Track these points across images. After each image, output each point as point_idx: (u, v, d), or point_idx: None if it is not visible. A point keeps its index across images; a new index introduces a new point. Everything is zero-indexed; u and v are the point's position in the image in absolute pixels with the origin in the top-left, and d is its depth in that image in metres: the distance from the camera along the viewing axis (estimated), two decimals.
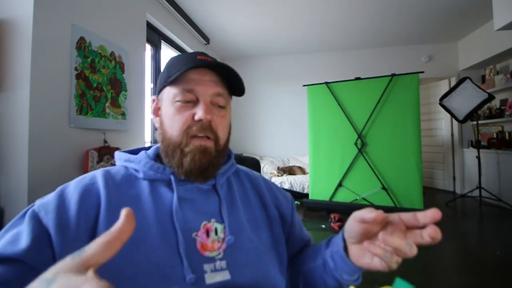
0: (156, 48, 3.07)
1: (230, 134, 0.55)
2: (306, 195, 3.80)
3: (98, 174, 0.48)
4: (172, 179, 0.49)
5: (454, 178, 4.51)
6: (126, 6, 2.20)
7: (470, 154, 4.15)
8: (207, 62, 0.49)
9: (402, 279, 0.37)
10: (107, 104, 1.92)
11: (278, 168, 4.35)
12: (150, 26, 2.85)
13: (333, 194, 3.43)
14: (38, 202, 0.43)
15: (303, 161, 4.61)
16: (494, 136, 3.89)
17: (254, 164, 0.96)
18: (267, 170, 4.40)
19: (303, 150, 4.75)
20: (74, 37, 1.66)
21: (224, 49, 4.74)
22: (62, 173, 1.57)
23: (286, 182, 4.04)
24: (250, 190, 0.58)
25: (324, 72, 4.81)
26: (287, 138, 5.03)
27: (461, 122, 3.59)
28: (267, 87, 5.10)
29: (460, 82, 3.56)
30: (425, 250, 2.24)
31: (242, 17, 3.54)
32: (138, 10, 2.39)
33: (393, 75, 3.21)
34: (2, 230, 0.41)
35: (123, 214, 0.24)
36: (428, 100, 4.78)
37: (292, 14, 3.46)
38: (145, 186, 0.48)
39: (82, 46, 1.72)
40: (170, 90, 0.50)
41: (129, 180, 0.49)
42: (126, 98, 2.13)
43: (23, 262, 0.36)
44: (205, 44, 4.25)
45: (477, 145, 3.69)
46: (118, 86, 2.04)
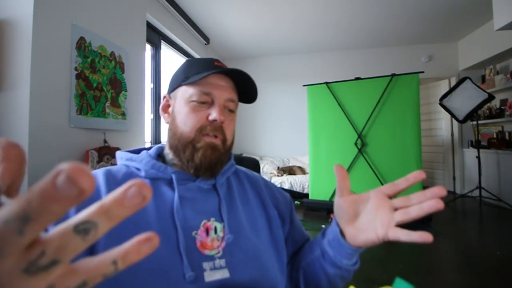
0: (156, 48, 3.07)
1: (234, 138, 0.57)
2: (306, 195, 3.79)
3: (99, 173, 0.49)
4: (173, 178, 0.50)
5: (454, 178, 4.51)
6: (126, 6, 2.20)
7: (470, 154, 4.15)
8: (228, 70, 0.52)
9: (402, 279, 0.37)
10: (107, 104, 1.92)
11: (278, 168, 4.35)
12: (150, 26, 2.85)
13: (333, 194, 3.42)
14: None
15: (303, 161, 4.61)
16: (494, 136, 3.89)
17: (254, 164, 0.96)
18: (267, 170, 4.40)
19: (303, 150, 4.75)
20: (74, 37, 1.66)
21: (224, 49, 4.74)
22: None
23: (286, 182, 4.04)
24: (249, 190, 0.59)
25: (324, 72, 4.81)
26: (287, 138, 5.03)
27: (461, 122, 3.59)
28: (267, 87, 5.10)
29: (460, 82, 3.56)
30: (425, 250, 2.24)
31: (242, 17, 3.54)
32: (138, 10, 2.39)
33: (393, 75, 3.21)
34: None
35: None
36: (428, 100, 4.78)
37: (292, 14, 3.46)
38: None
39: (82, 46, 1.72)
40: (186, 90, 0.52)
41: (130, 178, 0.49)
42: (126, 98, 2.13)
43: None
44: (205, 44, 4.25)
45: (477, 145, 3.69)
46: (118, 86, 2.04)
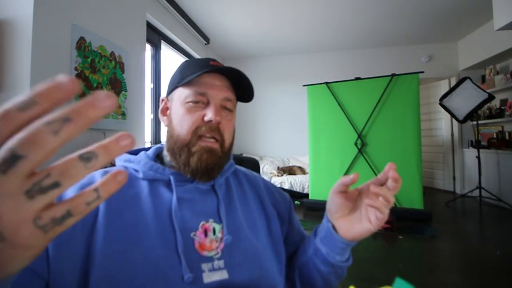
0: (156, 48, 3.07)
1: (234, 138, 0.56)
2: (306, 195, 3.79)
3: (96, 174, 0.48)
4: (171, 179, 0.49)
5: (454, 178, 4.51)
6: (126, 6, 2.20)
7: (470, 154, 4.14)
8: (221, 68, 0.51)
9: (402, 279, 0.37)
10: None
11: (278, 168, 4.35)
12: (150, 26, 2.85)
13: None
14: None
15: (303, 161, 4.61)
16: (494, 136, 3.89)
17: (253, 164, 0.95)
18: (267, 170, 4.40)
19: (303, 150, 4.75)
20: (74, 37, 1.66)
21: (224, 49, 4.74)
22: None
23: (286, 182, 4.04)
24: (248, 190, 0.59)
25: (324, 72, 4.81)
26: (287, 138, 5.03)
27: (461, 122, 3.59)
28: (267, 87, 5.10)
29: (460, 82, 3.56)
30: (425, 250, 2.24)
31: (242, 17, 3.54)
32: (138, 10, 2.39)
33: (393, 75, 3.21)
34: None
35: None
36: (428, 100, 4.78)
37: (292, 14, 3.46)
38: (144, 186, 0.48)
39: (82, 46, 1.72)
40: (182, 91, 0.51)
41: (129, 179, 0.49)
42: (126, 98, 2.13)
43: None
44: (205, 44, 4.25)
45: (477, 145, 3.69)
46: (118, 86, 2.04)
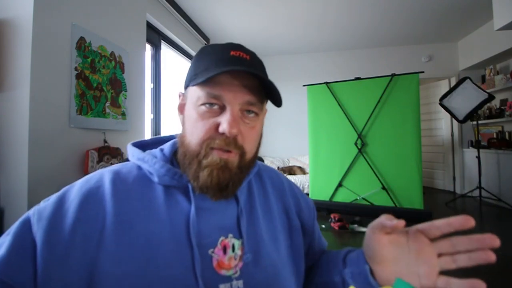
0: (156, 48, 3.07)
1: (260, 145, 0.47)
2: (306, 195, 3.79)
3: (106, 177, 0.42)
4: (189, 188, 0.43)
5: (454, 178, 4.51)
6: (126, 6, 2.20)
7: (470, 154, 4.15)
8: (239, 65, 0.41)
9: (402, 279, 0.37)
10: (107, 104, 1.92)
11: (278, 168, 4.35)
12: (150, 26, 2.85)
13: (333, 194, 3.43)
14: (36, 207, 0.39)
15: (303, 161, 4.61)
16: (494, 136, 3.89)
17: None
18: None
19: (303, 150, 4.75)
20: (74, 37, 1.66)
21: None
22: (62, 173, 1.57)
23: None
24: (272, 195, 0.53)
25: (324, 72, 4.82)
26: (287, 138, 5.03)
27: (461, 122, 3.59)
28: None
29: (460, 82, 3.56)
30: None
31: (242, 17, 3.54)
32: (138, 10, 2.39)
33: (393, 75, 3.21)
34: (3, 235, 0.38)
35: None
36: (428, 100, 4.78)
37: (292, 14, 3.46)
38: (160, 192, 0.43)
39: (82, 46, 1.72)
40: (194, 91, 0.43)
41: (142, 183, 0.44)
42: (126, 98, 2.13)
43: None
44: (205, 44, 4.25)
45: (477, 145, 3.69)
46: (118, 86, 2.04)
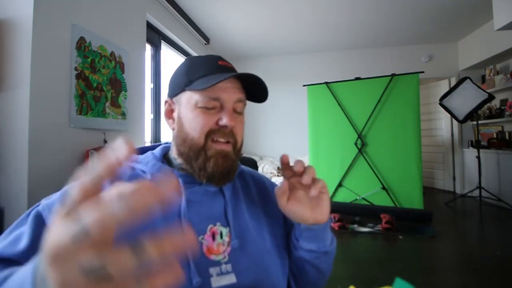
0: (156, 48, 3.07)
1: (243, 139, 0.55)
2: None
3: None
4: (180, 182, 0.49)
5: (454, 178, 4.51)
6: (126, 6, 2.20)
7: (470, 154, 4.15)
8: (230, 72, 0.50)
9: (402, 279, 0.37)
10: (107, 104, 1.92)
11: (278, 168, 4.35)
12: (150, 26, 2.85)
13: (333, 194, 3.43)
14: (44, 202, 0.43)
15: (303, 161, 4.61)
16: (494, 136, 3.89)
17: (251, 164, 0.95)
18: (267, 170, 4.40)
19: (303, 150, 4.75)
20: (74, 37, 1.66)
21: (224, 49, 4.74)
22: (62, 173, 1.57)
23: None
24: (254, 191, 0.59)
25: (324, 72, 4.81)
26: (287, 138, 5.03)
27: (461, 122, 3.59)
28: (267, 87, 5.09)
29: (460, 82, 3.56)
30: (425, 250, 2.24)
31: (242, 17, 3.54)
32: (138, 10, 2.39)
33: (393, 75, 3.21)
34: (7, 231, 0.41)
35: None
36: (428, 100, 4.78)
37: (292, 14, 3.46)
38: None
39: (82, 46, 1.72)
40: (191, 96, 0.49)
41: (136, 180, 0.48)
42: (126, 98, 2.13)
43: (20, 263, 0.35)
44: (205, 44, 4.25)
45: (477, 145, 3.69)
46: (118, 86, 2.04)
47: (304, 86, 3.74)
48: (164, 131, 3.10)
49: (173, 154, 0.54)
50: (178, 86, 0.52)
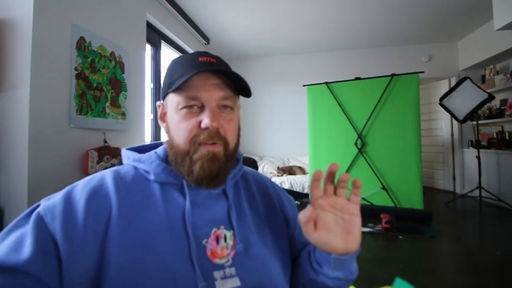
0: (156, 48, 3.07)
1: (239, 136, 0.53)
2: (306, 195, 3.80)
3: (107, 176, 0.47)
4: (184, 184, 0.48)
5: (454, 178, 4.51)
6: (126, 6, 2.20)
7: (470, 154, 4.14)
8: (209, 67, 0.46)
9: (402, 279, 0.37)
10: (107, 104, 1.92)
11: (278, 168, 4.35)
12: (150, 26, 2.85)
13: None
14: (44, 204, 0.41)
15: (303, 161, 4.61)
16: (494, 136, 3.89)
17: (251, 164, 0.95)
18: (267, 170, 4.40)
19: (303, 150, 4.75)
20: (74, 37, 1.66)
21: (224, 49, 4.74)
22: (62, 173, 1.57)
23: (286, 182, 4.04)
24: (256, 193, 0.58)
25: (324, 72, 4.81)
26: (287, 138, 5.03)
27: (461, 122, 3.59)
28: (267, 87, 5.10)
29: (460, 82, 3.56)
30: (425, 250, 2.24)
31: (242, 17, 3.54)
32: (138, 10, 2.39)
33: (393, 75, 3.21)
34: (5, 230, 0.39)
35: None
36: (428, 100, 4.78)
37: (292, 14, 3.46)
38: (156, 189, 0.47)
39: (82, 46, 1.71)
40: (173, 98, 0.48)
41: (140, 182, 0.48)
42: (126, 98, 2.13)
43: (27, 273, 0.35)
44: (205, 44, 4.25)
45: (477, 145, 3.69)
46: (118, 86, 2.04)
47: (304, 86, 3.74)
48: (164, 131, 3.10)
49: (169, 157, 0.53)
50: (164, 89, 0.50)
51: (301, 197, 3.83)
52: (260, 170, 4.28)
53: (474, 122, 3.86)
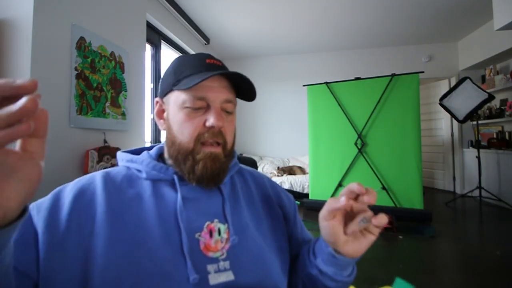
0: (156, 48, 3.07)
1: (235, 137, 0.55)
2: (306, 195, 3.79)
3: (97, 175, 0.48)
4: (175, 179, 0.49)
5: (454, 178, 4.51)
6: (126, 6, 2.20)
7: (470, 154, 4.15)
8: (219, 70, 0.48)
9: (402, 279, 0.37)
10: (107, 104, 1.92)
11: (278, 168, 4.35)
12: (150, 26, 2.85)
13: (333, 194, 3.43)
14: (35, 202, 0.43)
15: (303, 161, 4.61)
16: (494, 136, 3.89)
17: (251, 164, 0.95)
18: (267, 170, 4.40)
19: (303, 150, 4.75)
20: (74, 37, 1.66)
21: (224, 49, 4.74)
22: (62, 173, 1.57)
23: (286, 182, 4.04)
24: (254, 188, 0.58)
25: (324, 72, 4.82)
26: (287, 138, 5.03)
27: (461, 122, 3.59)
28: (267, 87, 5.10)
29: (460, 82, 3.56)
30: (425, 250, 2.24)
31: (242, 17, 3.54)
32: (138, 10, 2.39)
33: (393, 75, 3.21)
34: None
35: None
36: (428, 100, 4.78)
37: (292, 14, 3.46)
38: (147, 186, 0.48)
39: (82, 46, 1.72)
40: (179, 95, 0.49)
41: (130, 180, 0.49)
42: (126, 98, 2.13)
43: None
44: (205, 44, 4.25)
45: (477, 145, 3.69)
46: (118, 86, 2.04)
47: (304, 86, 3.74)
48: (161, 128, 3.10)
49: (166, 155, 0.54)
50: (167, 86, 0.51)
51: (301, 197, 3.82)
52: (260, 170, 4.28)
53: (474, 122, 3.86)
